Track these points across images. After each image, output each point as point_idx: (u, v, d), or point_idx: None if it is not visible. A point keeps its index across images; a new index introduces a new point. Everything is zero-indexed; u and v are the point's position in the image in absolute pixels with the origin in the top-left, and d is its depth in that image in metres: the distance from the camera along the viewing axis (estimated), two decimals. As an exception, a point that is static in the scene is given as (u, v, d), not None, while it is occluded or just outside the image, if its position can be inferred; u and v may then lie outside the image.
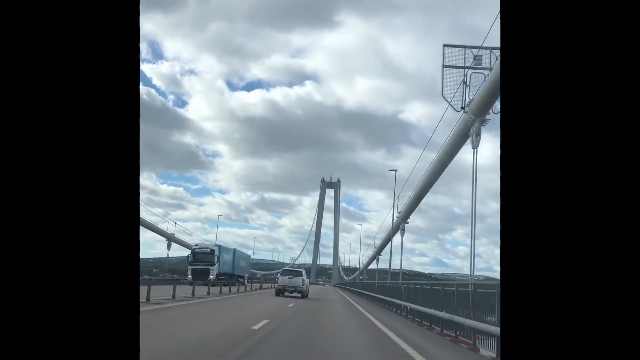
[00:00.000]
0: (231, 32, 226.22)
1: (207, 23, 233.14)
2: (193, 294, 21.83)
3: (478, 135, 19.93)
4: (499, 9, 2.34)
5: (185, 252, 53.15)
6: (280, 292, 28.69)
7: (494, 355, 8.42)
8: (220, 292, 27.72)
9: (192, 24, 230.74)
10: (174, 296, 18.87)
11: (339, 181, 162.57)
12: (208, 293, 25.09)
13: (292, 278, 29.26)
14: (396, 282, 27.65)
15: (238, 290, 33.93)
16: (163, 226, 73.32)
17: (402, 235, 37.34)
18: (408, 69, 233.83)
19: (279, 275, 31.74)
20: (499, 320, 7.53)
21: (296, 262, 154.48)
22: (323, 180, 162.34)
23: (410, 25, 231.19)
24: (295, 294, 28.37)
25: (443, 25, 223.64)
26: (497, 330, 7.93)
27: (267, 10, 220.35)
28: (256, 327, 11.08)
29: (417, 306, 15.79)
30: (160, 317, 12.67)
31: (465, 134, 21.28)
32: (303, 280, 29.01)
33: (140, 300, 14.00)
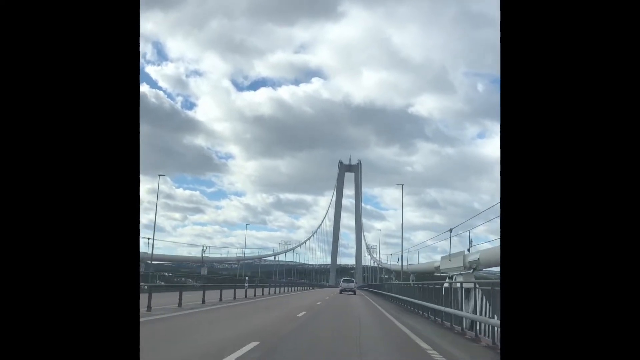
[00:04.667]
0: (232, 28, 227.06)
1: (208, 20, 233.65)
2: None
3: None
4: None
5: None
6: (342, 291, 51.46)
7: None
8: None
9: (192, 22, 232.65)
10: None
11: (359, 163, 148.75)
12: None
13: (348, 284, 53.37)
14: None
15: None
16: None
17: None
18: (416, 60, 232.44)
19: (342, 281, 55.59)
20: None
21: (317, 264, 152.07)
22: (341, 163, 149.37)
23: (415, 13, 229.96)
24: (350, 292, 50.04)
25: (449, 12, 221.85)
26: None
27: (267, 4, 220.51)
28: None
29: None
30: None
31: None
32: (355, 283, 56.94)
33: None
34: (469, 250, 36.75)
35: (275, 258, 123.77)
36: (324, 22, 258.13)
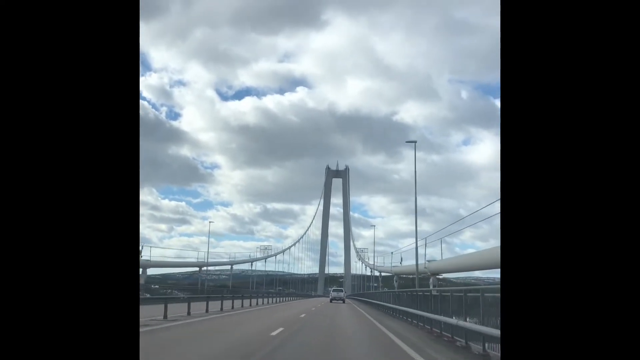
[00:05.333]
0: (216, 38, 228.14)
1: (191, 30, 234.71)
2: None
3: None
4: (488, 1, 2.40)
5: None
6: (332, 300, 57.39)
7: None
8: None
9: (175, 32, 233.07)
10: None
11: (347, 169, 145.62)
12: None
13: (338, 293, 60.00)
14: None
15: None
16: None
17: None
18: (400, 68, 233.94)
19: (332, 291, 63.85)
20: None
21: (305, 273, 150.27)
22: (328, 169, 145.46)
23: (398, 21, 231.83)
24: (339, 301, 55.94)
25: (432, 20, 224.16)
26: None
27: (250, 14, 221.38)
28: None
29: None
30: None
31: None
32: (344, 293, 64.71)
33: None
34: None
35: (252, 266, 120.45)
36: (307, 31, 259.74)
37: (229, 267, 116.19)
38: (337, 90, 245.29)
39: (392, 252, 63.75)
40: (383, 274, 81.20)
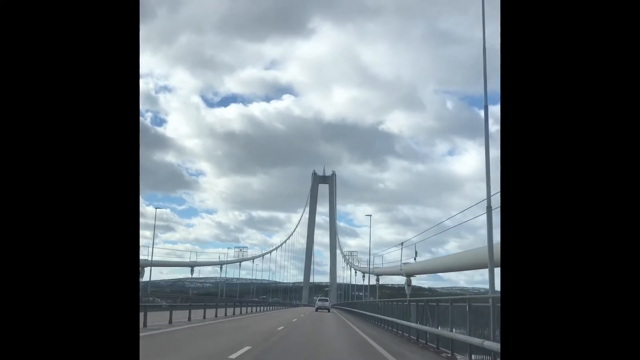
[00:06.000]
0: (202, 44, 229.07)
1: (177, 35, 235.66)
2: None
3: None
4: (474, 12, 2.42)
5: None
6: (317, 309, 60.66)
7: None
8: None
9: (161, 38, 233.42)
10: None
11: (334, 174, 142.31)
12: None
13: (323, 302, 63.73)
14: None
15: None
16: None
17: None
18: (386, 77, 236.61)
19: (317, 300, 66.93)
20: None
21: (290, 282, 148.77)
22: (315, 174, 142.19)
23: (384, 30, 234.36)
24: (324, 310, 59.44)
25: (418, 30, 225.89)
26: None
27: (237, 20, 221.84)
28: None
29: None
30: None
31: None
32: (329, 302, 67.49)
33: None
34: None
35: (221, 271, 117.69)
36: (294, 39, 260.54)
37: (214, 275, 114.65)
38: (323, 98, 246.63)
39: (373, 255, 64.60)
40: (371, 283, 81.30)
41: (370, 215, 61.85)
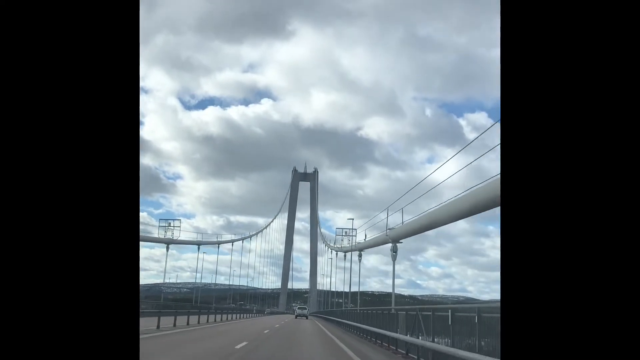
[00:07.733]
0: (179, 44, 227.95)
1: (153, 36, 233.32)
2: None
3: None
4: (452, 19, 2.42)
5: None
6: (297, 316, 67.89)
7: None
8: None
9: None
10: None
11: (315, 172, 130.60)
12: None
13: (302, 310, 72.42)
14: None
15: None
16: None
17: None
18: (365, 82, 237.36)
19: (297, 308, 75.50)
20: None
21: (269, 288, 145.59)
22: (295, 171, 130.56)
23: (363, 35, 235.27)
24: (303, 317, 66.95)
25: (397, 35, 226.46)
26: None
27: (214, 21, 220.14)
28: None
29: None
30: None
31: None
32: (307, 310, 76.30)
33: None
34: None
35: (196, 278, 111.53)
36: (272, 41, 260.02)
37: (190, 280, 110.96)
38: (302, 102, 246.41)
39: (356, 229, 62.56)
40: (350, 289, 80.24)
41: (352, 219, 61.71)
